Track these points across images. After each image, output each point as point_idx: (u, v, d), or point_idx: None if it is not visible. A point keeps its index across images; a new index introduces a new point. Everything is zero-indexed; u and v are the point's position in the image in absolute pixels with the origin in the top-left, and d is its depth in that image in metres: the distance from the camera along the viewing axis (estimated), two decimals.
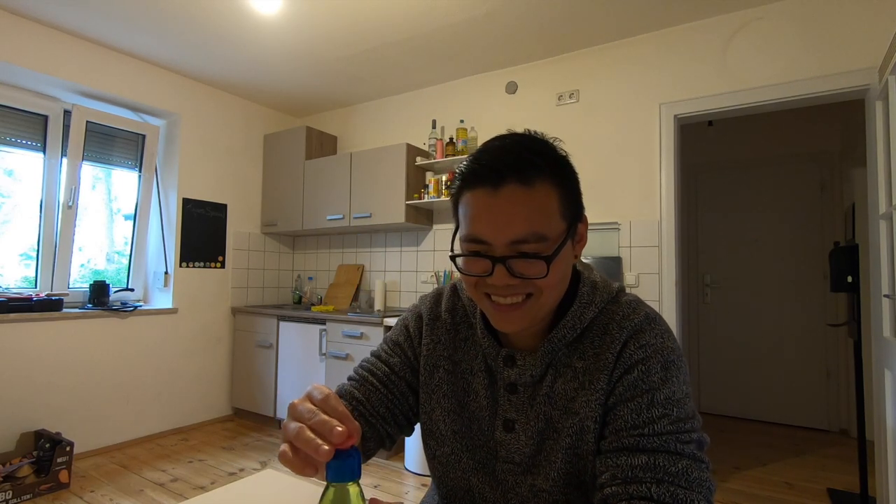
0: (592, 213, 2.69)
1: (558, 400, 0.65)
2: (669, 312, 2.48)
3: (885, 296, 1.94)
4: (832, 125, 3.52)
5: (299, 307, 3.59)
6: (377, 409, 0.73)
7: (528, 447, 0.65)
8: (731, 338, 3.78)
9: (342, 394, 0.74)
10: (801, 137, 3.61)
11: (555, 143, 0.62)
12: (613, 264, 2.61)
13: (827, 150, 3.53)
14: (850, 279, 2.15)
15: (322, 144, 3.71)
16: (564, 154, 0.62)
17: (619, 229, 2.66)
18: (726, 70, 2.42)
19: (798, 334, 3.54)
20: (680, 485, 0.54)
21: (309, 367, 3.16)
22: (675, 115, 2.54)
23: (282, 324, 3.31)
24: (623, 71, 2.70)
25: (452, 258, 0.62)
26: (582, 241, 0.65)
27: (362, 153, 3.29)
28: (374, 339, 2.84)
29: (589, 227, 0.67)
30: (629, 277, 2.60)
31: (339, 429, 0.43)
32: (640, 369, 0.60)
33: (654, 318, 0.65)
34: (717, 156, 3.90)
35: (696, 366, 3.88)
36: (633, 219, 2.63)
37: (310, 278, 3.95)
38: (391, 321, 2.79)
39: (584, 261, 0.73)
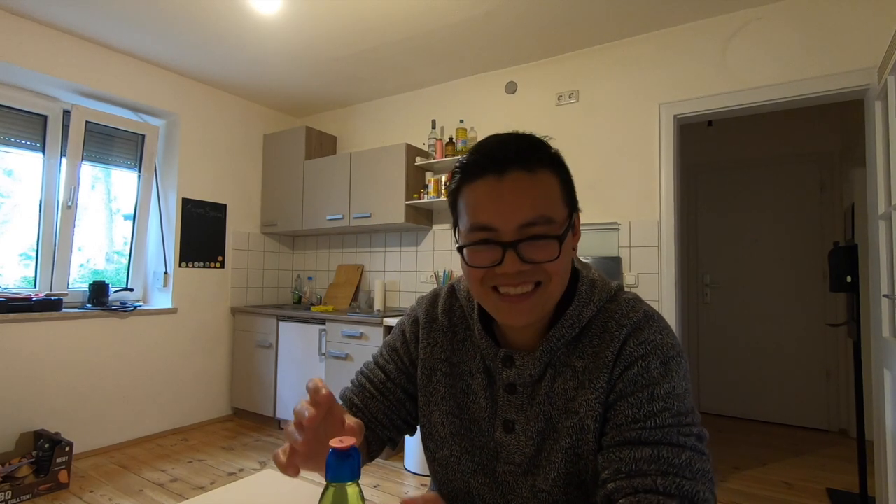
0: (592, 213, 2.69)
1: (558, 399, 0.64)
2: (669, 312, 2.48)
3: (885, 296, 1.94)
4: (832, 125, 3.52)
5: (299, 307, 3.59)
6: (376, 416, 0.73)
7: (529, 447, 0.65)
8: (731, 338, 3.77)
9: (342, 399, 0.75)
10: (801, 137, 3.61)
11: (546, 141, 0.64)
12: (613, 264, 2.61)
13: (827, 150, 3.53)
14: (849, 279, 2.15)
15: (322, 144, 3.71)
16: (556, 151, 0.64)
17: (618, 229, 2.65)
18: (726, 70, 2.42)
19: (798, 334, 3.54)
20: (685, 476, 0.54)
21: (308, 367, 3.16)
22: (675, 115, 2.54)
23: (281, 324, 3.31)
24: (623, 71, 2.70)
25: (460, 249, 0.62)
26: (577, 233, 0.66)
27: (362, 153, 3.29)
28: (374, 339, 2.84)
29: (589, 228, 0.67)
30: (629, 277, 2.60)
31: (308, 412, 0.48)
32: (640, 365, 0.60)
33: (653, 316, 0.65)
34: (717, 156, 3.90)
35: (696, 366, 3.88)
36: (632, 219, 2.62)
37: (309, 278, 3.95)
38: (391, 321, 2.79)
39: (583, 260, 0.74)
